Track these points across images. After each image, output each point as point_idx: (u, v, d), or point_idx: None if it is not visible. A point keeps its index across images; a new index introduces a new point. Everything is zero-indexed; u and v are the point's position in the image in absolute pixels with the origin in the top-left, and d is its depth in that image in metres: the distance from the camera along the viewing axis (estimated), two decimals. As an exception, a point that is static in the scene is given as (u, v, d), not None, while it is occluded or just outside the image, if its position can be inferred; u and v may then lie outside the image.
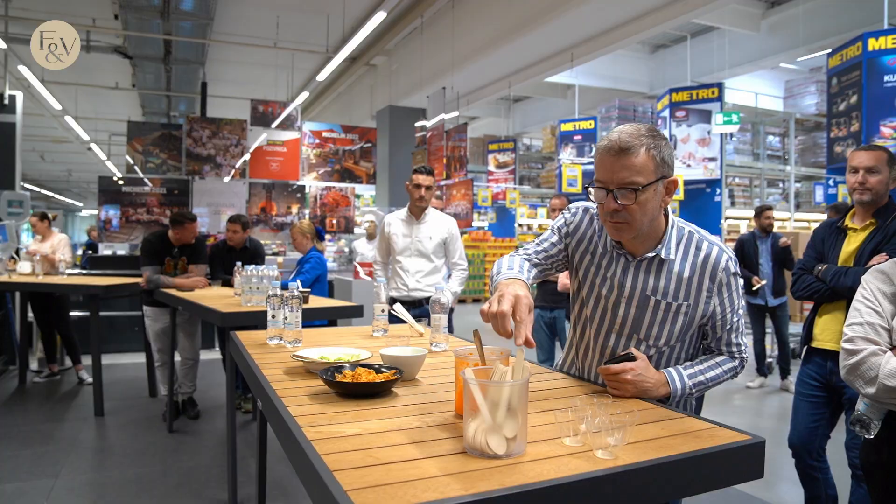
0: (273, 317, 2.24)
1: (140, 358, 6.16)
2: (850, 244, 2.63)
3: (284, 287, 2.27)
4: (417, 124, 8.41)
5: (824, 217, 10.36)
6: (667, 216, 1.58)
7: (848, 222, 2.70)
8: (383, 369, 1.59)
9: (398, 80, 9.79)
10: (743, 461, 1.17)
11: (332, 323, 4.00)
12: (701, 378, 1.54)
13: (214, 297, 3.98)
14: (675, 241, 1.56)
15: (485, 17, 7.52)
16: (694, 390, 1.53)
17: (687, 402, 1.63)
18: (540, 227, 16.62)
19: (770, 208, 5.88)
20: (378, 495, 0.92)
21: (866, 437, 1.70)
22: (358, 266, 6.99)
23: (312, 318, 3.28)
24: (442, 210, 7.27)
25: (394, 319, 2.58)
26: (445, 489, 0.94)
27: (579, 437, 1.17)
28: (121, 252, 8.44)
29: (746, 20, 10.10)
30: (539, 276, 1.74)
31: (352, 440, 1.18)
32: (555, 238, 1.73)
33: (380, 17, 6.17)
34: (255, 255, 4.96)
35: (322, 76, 8.82)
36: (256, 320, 3.23)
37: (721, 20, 9.66)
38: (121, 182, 7.19)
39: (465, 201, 6.69)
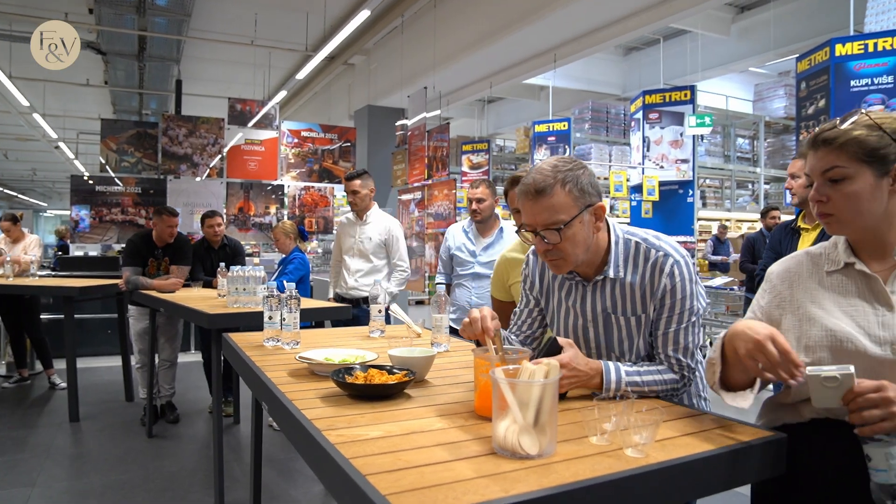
0: (270, 318, 2.20)
1: (113, 361, 6.01)
2: (804, 243, 2.82)
3: (281, 289, 2.23)
4: (398, 123, 8.38)
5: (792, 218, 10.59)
6: (610, 233, 1.57)
7: (801, 223, 2.91)
8: (395, 370, 1.57)
9: (377, 80, 9.74)
10: (768, 457, 1.18)
11: (319, 324, 3.96)
12: (637, 378, 1.47)
13: (197, 298, 3.90)
14: (623, 258, 1.56)
15: (468, 16, 7.52)
16: (629, 388, 1.46)
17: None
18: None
19: (776, 208, 5.97)
20: (418, 499, 0.90)
21: None
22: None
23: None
24: (425, 209, 7.26)
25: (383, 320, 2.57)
26: (485, 491, 0.93)
27: (606, 436, 1.16)
28: (93, 253, 8.23)
29: (717, 24, 10.26)
30: (532, 342, 1.80)
31: (377, 443, 1.15)
32: (525, 300, 1.81)
33: (363, 15, 6.13)
34: (235, 254, 4.87)
35: (302, 75, 8.73)
36: (243, 322, 3.17)
37: (693, 24, 9.79)
38: (90, 182, 7.01)
39: (447, 202, 6.68)
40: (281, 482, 3.52)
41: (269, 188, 7.58)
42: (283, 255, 4.92)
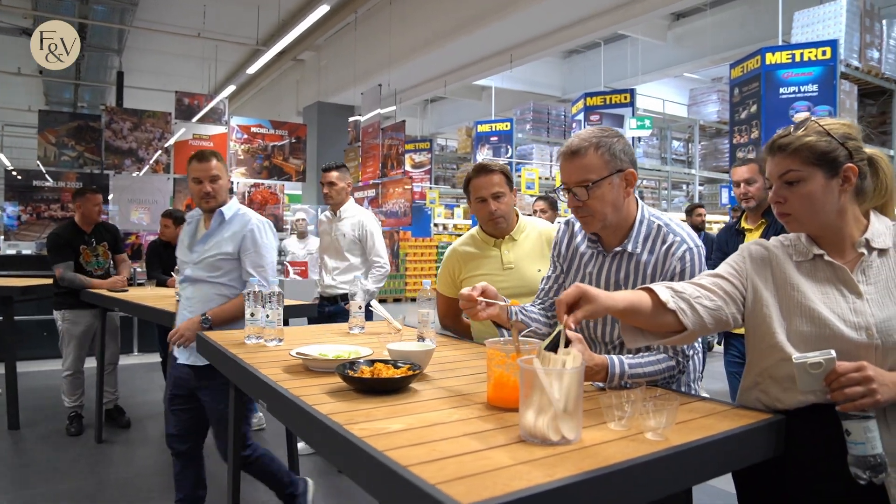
0: (252, 315, 2.16)
1: (51, 365, 5.73)
2: None
3: None
4: (351, 119, 8.30)
5: (727, 218, 11.07)
6: (638, 210, 1.67)
7: (744, 224, 3.14)
8: (399, 364, 1.57)
9: (327, 76, 9.61)
10: (772, 437, 1.26)
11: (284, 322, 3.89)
12: (639, 370, 1.52)
13: (153, 297, 3.77)
14: (644, 236, 1.65)
15: (425, 15, 7.51)
16: (630, 381, 1.52)
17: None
18: (455, 226, 16.80)
19: (701, 206, 6.17)
20: (469, 487, 0.90)
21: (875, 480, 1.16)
22: (288, 265, 6.79)
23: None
24: (379, 208, 7.23)
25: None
26: (529, 477, 0.94)
27: (624, 421, 1.20)
28: (26, 251, 7.78)
29: (654, 30, 10.62)
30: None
31: (403, 435, 1.15)
32: (553, 267, 1.89)
33: (323, 10, 6.03)
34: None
35: (253, 69, 8.53)
36: (208, 321, 3.09)
37: (632, 29, 10.10)
38: (19, 178, 6.63)
39: (403, 199, 6.65)
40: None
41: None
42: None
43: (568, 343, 1.47)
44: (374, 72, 8.24)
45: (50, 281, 4.71)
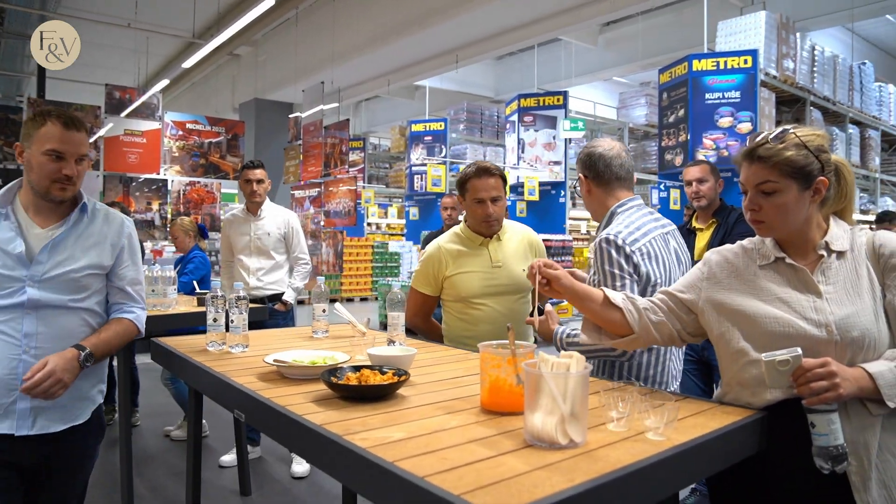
0: (215, 320, 2.07)
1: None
2: (701, 241, 3.19)
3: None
4: (291, 117, 8.11)
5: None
6: (617, 206, 1.87)
7: (694, 224, 3.28)
8: (385, 370, 1.55)
9: (265, 73, 9.35)
10: (759, 432, 1.31)
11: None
12: (576, 339, 1.67)
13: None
14: (604, 227, 1.86)
15: (369, 13, 7.42)
16: (565, 344, 1.72)
17: None
18: (388, 226, 16.73)
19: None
20: (495, 496, 0.89)
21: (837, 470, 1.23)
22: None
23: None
24: (320, 207, 7.09)
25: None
26: (552, 482, 0.94)
27: (623, 422, 1.22)
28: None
29: (585, 34, 10.86)
30: None
31: (408, 444, 1.13)
32: None
33: (267, 4, 5.85)
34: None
35: (189, 63, 8.18)
36: (157, 326, 2.94)
37: (564, 32, 10.30)
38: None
39: (347, 199, 6.55)
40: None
41: (149, 181, 7.04)
42: (182, 255, 4.59)
43: (542, 312, 1.70)
44: (315, 69, 8.08)
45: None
